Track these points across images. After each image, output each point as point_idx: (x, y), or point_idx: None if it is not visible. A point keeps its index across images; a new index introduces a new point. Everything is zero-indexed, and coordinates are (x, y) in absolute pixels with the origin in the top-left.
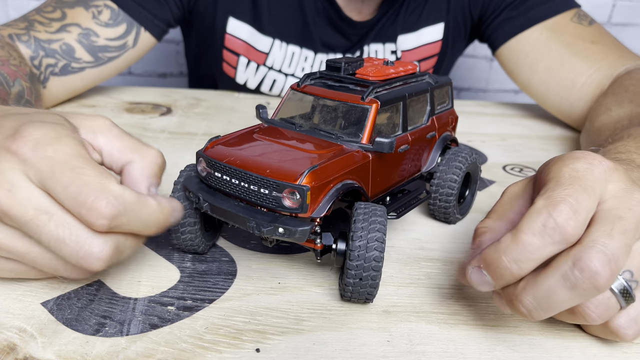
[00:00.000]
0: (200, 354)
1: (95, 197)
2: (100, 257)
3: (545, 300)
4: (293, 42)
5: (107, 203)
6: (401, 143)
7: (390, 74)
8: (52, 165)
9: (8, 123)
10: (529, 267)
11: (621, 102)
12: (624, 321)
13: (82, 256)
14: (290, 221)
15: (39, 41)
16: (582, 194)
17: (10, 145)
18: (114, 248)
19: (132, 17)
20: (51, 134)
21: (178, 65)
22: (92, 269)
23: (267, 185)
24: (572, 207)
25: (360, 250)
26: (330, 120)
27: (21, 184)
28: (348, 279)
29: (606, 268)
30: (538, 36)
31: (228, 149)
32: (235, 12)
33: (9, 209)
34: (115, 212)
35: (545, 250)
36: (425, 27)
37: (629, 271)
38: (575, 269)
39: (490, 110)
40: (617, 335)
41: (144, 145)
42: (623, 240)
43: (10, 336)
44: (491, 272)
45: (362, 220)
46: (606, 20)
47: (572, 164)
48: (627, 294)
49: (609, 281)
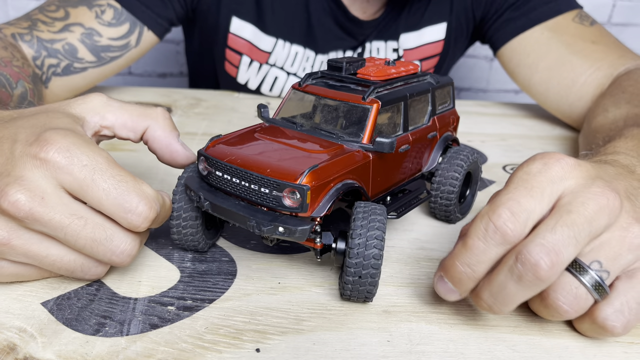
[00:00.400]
0: (200, 354)
1: (138, 201)
2: (131, 253)
3: (500, 294)
4: (297, 42)
5: (150, 207)
6: (402, 143)
7: (391, 74)
8: (91, 173)
9: (23, 130)
10: (480, 269)
11: (618, 102)
12: (609, 313)
13: (117, 254)
14: (291, 220)
15: (41, 41)
16: (524, 196)
17: (39, 153)
18: (141, 243)
19: (136, 17)
20: (78, 140)
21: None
22: (123, 265)
23: (267, 184)
24: (511, 210)
25: (359, 248)
26: (331, 120)
27: (53, 191)
28: (347, 277)
29: (545, 259)
30: (539, 36)
31: (229, 148)
32: (238, 11)
33: (42, 216)
34: (155, 214)
35: (491, 252)
36: (428, 27)
37: (597, 262)
38: (517, 262)
39: (490, 110)
40: (606, 329)
41: (147, 108)
42: (566, 233)
43: (10, 336)
44: (450, 278)
45: (361, 219)
46: (606, 20)
47: (527, 167)
48: (598, 286)
49: (551, 271)
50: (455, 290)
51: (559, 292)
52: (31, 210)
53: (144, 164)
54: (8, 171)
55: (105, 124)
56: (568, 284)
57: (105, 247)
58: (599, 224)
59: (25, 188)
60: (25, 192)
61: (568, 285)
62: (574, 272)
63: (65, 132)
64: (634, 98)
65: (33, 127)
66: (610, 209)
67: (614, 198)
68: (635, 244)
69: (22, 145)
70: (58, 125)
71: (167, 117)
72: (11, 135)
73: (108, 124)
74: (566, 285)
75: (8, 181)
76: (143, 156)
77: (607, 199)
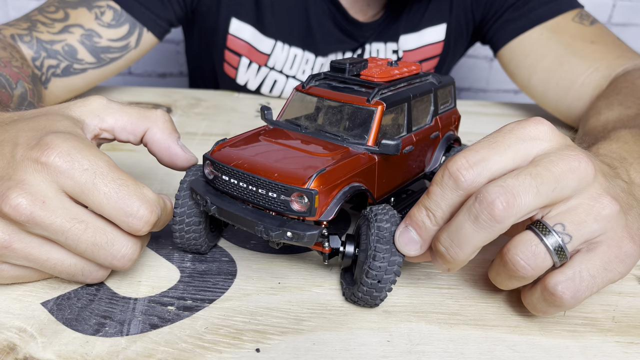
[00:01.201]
0: (200, 354)
1: (139, 205)
2: (132, 257)
3: (456, 235)
4: (295, 45)
5: (151, 211)
6: (406, 144)
7: (394, 74)
8: (92, 177)
9: (24, 133)
10: (439, 214)
11: (611, 105)
12: (561, 279)
13: (118, 258)
14: (299, 225)
15: (41, 42)
16: (484, 148)
17: (40, 157)
18: (142, 247)
19: (135, 18)
20: (79, 144)
21: (178, 65)
22: (123, 269)
23: (275, 189)
24: (467, 158)
25: (385, 253)
26: (336, 122)
27: (54, 195)
28: (367, 279)
29: (502, 198)
30: (538, 37)
31: (235, 152)
32: (238, 13)
33: (43, 220)
34: (156, 218)
35: (447, 197)
36: (428, 28)
37: (561, 224)
38: (476, 201)
39: (490, 110)
40: (555, 296)
41: (147, 110)
42: (528, 181)
43: (10, 336)
44: (411, 224)
45: (386, 221)
46: (606, 20)
47: (507, 125)
48: (559, 249)
49: (506, 212)
50: (417, 239)
51: (518, 248)
52: (32, 214)
53: (143, 164)
54: (9, 175)
55: (105, 127)
56: (529, 241)
57: (106, 252)
58: (566, 184)
59: (26, 192)
60: (26, 196)
61: (529, 242)
62: (537, 230)
63: (66, 135)
64: (626, 99)
65: (34, 130)
66: (581, 174)
67: (586, 164)
68: (602, 214)
69: (23, 148)
70: (59, 129)
71: (167, 119)
72: (12, 138)
73: (107, 126)
74: (527, 242)
75: (9, 185)
76: (143, 157)
77: (579, 162)
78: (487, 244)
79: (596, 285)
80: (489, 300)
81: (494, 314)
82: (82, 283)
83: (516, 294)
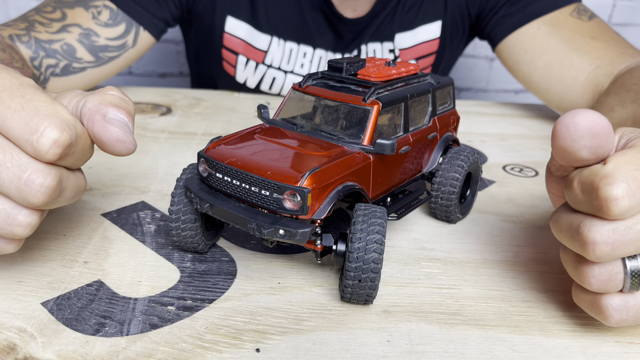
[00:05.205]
0: (200, 354)
1: (48, 123)
2: (45, 185)
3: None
4: (290, 39)
5: (61, 130)
6: (402, 144)
7: (392, 74)
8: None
9: None
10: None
11: (624, 102)
12: (617, 303)
13: (24, 182)
14: (291, 223)
15: (39, 42)
16: None
17: None
18: (58, 180)
19: (131, 17)
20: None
21: (178, 65)
22: (35, 201)
23: (268, 186)
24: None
25: (359, 252)
26: (332, 121)
27: None
28: (347, 281)
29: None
30: (536, 32)
31: (229, 150)
32: (233, 10)
33: None
34: (69, 139)
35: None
36: (423, 25)
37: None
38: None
39: (490, 110)
40: (602, 314)
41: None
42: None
43: (10, 336)
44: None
45: (361, 222)
46: (606, 20)
47: None
48: (636, 276)
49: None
50: None
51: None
52: None
53: (143, 164)
54: None
55: None
56: (612, 266)
57: (10, 172)
58: None
59: None
60: None
61: (611, 266)
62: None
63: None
64: (639, 97)
65: None
66: None
67: None
68: None
69: None
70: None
71: (112, 92)
72: None
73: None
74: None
75: None
76: (142, 157)
77: None
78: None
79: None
80: (489, 300)
81: (494, 314)
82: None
83: (516, 294)
